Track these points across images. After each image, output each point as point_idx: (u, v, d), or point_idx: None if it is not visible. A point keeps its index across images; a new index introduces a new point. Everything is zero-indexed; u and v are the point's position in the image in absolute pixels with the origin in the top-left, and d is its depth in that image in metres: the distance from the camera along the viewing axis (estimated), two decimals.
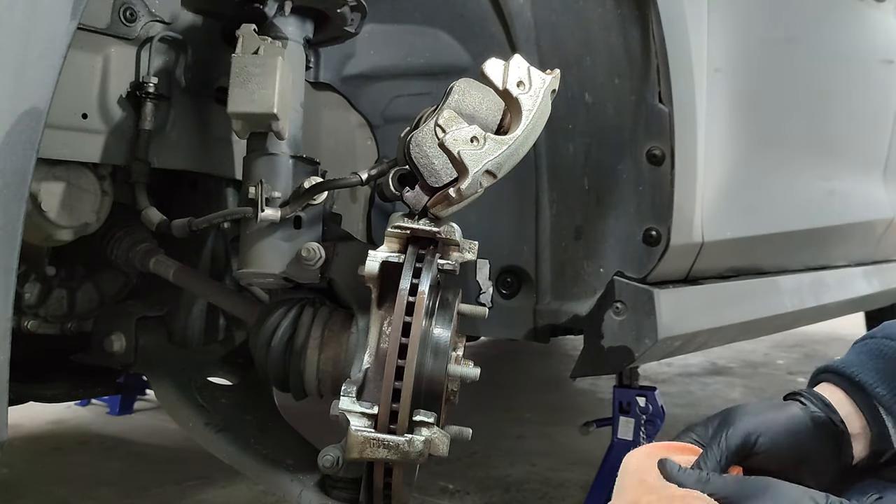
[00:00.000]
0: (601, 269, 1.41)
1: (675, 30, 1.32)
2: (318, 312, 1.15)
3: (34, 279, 1.40)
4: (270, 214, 1.09)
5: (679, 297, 1.45)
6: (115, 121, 1.18)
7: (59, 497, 2.19)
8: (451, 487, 2.30)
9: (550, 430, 3.00)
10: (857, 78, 2.31)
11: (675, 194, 1.35)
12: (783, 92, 1.89)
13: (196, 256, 1.46)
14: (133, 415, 3.15)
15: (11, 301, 0.76)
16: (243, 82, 1.07)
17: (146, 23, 1.19)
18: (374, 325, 1.03)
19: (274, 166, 1.13)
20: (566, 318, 1.44)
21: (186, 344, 1.47)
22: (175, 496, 2.23)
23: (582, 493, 2.19)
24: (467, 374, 1.02)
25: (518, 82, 0.96)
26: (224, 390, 1.36)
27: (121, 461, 2.55)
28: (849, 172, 2.30)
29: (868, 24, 2.35)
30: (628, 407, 1.99)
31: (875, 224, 2.46)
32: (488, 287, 1.43)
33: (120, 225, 1.38)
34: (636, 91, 1.34)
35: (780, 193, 1.89)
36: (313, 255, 1.11)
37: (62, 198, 1.16)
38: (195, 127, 1.30)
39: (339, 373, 1.10)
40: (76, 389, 1.64)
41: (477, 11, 1.40)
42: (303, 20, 1.20)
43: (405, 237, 1.01)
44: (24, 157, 0.75)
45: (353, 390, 0.97)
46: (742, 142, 1.67)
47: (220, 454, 1.22)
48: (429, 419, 0.94)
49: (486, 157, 0.95)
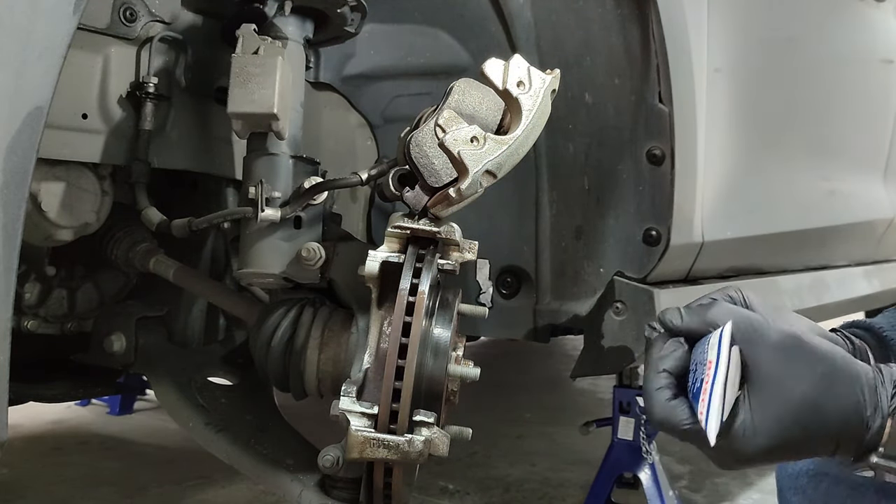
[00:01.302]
0: (601, 268, 1.41)
1: (675, 30, 1.32)
2: (318, 312, 1.15)
3: (34, 279, 1.40)
4: (270, 214, 1.09)
5: (679, 296, 1.45)
6: (115, 121, 1.18)
7: (59, 497, 2.19)
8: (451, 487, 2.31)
9: (550, 430, 3.00)
10: (857, 78, 2.31)
11: (675, 194, 1.35)
12: (783, 92, 1.89)
13: (196, 256, 1.46)
14: (133, 415, 3.15)
15: (11, 301, 0.76)
16: (243, 82, 1.07)
17: (146, 23, 1.19)
18: (374, 325, 1.03)
19: (274, 166, 1.13)
20: (566, 318, 1.44)
21: (186, 344, 1.47)
22: (175, 496, 2.23)
23: (582, 493, 2.19)
24: (467, 374, 1.02)
25: (518, 82, 0.96)
26: (224, 390, 1.36)
27: (121, 461, 2.56)
28: (849, 172, 2.30)
29: (868, 24, 2.35)
30: (628, 407, 1.99)
31: (875, 224, 2.46)
32: (488, 287, 1.43)
33: (120, 225, 1.38)
34: (636, 91, 1.34)
35: (781, 193, 1.89)
36: (313, 255, 1.11)
37: (62, 198, 1.16)
38: (195, 127, 1.30)
39: (339, 373, 1.10)
40: (76, 389, 1.64)
41: (477, 11, 1.40)
42: (303, 20, 1.20)
43: (405, 237, 1.01)
44: (25, 157, 0.75)
45: (353, 390, 0.97)
46: (742, 142, 1.67)
47: (220, 454, 1.22)
48: (429, 419, 0.94)
49: (486, 157, 0.95)
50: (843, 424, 0.78)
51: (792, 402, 0.78)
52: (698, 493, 2.30)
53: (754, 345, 0.80)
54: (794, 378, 0.78)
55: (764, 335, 0.80)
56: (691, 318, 0.85)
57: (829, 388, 0.78)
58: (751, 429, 0.78)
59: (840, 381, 0.79)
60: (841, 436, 0.79)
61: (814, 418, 0.78)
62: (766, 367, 0.79)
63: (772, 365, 0.79)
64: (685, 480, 2.39)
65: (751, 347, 0.80)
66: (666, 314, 0.87)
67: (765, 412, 0.78)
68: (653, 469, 1.95)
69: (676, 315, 0.86)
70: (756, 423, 0.78)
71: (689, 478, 2.43)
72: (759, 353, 0.79)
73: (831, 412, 0.78)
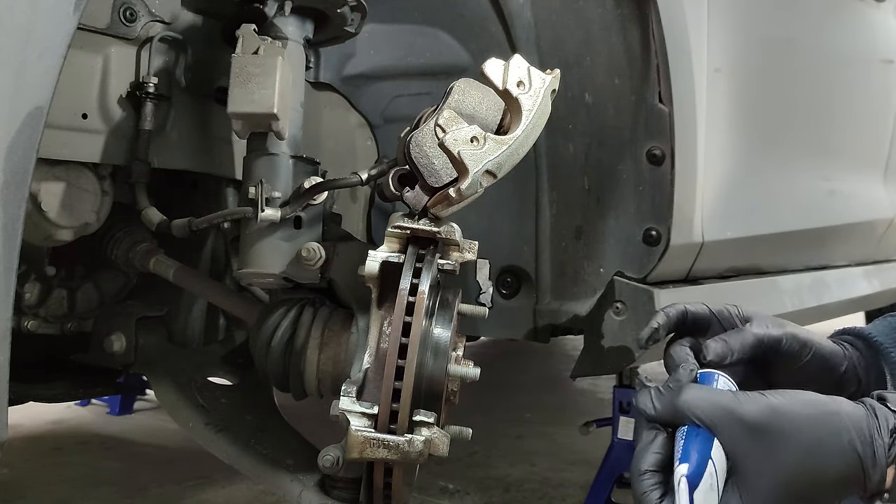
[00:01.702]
0: (601, 268, 1.41)
1: (675, 30, 1.32)
2: (318, 312, 1.14)
3: (34, 279, 1.40)
4: (270, 214, 1.09)
5: (679, 296, 1.45)
6: (115, 121, 1.18)
7: (59, 497, 2.19)
8: (451, 487, 2.30)
9: (550, 430, 3.00)
10: (858, 78, 2.31)
11: (675, 194, 1.35)
12: (783, 92, 1.89)
13: (196, 256, 1.46)
14: (133, 415, 3.15)
15: (11, 301, 0.76)
16: (243, 82, 1.07)
17: (146, 23, 1.19)
18: (374, 325, 1.03)
19: (274, 166, 1.13)
20: (566, 318, 1.44)
21: (186, 344, 1.47)
22: (175, 496, 2.23)
23: (582, 493, 2.19)
24: (467, 374, 1.02)
25: (518, 82, 0.96)
26: (224, 390, 1.36)
27: (121, 461, 2.55)
28: (849, 172, 2.30)
29: (868, 24, 2.35)
30: (628, 407, 1.98)
31: (875, 224, 2.46)
32: (488, 287, 1.43)
33: (120, 225, 1.38)
34: (636, 91, 1.34)
35: (781, 193, 1.89)
36: (313, 255, 1.11)
37: (62, 198, 1.16)
38: (195, 127, 1.30)
39: (339, 373, 1.10)
40: (76, 389, 1.64)
41: (477, 11, 1.40)
42: (303, 20, 1.20)
43: (405, 237, 1.01)
44: (25, 157, 0.75)
45: (353, 390, 0.97)
46: (742, 142, 1.67)
47: (220, 454, 1.22)
48: (429, 419, 0.94)
49: (486, 157, 0.95)
50: (843, 487, 0.75)
51: (783, 485, 0.74)
52: None
53: (726, 432, 0.75)
54: (775, 459, 0.74)
55: (734, 419, 0.75)
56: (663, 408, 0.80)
57: (818, 458, 0.74)
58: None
59: (828, 446, 0.74)
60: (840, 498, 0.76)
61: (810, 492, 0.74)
62: (742, 455, 0.75)
63: (748, 451, 0.75)
64: None
65: (724, 435, 0.75)
66: (639, 399, 0.83)
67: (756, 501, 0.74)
68: None
69: (648, 402, 0.81)
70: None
71: None
72: (733, 440, 0.75)
73: (827, 480, 0.74)
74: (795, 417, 0.75)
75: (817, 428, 0.74)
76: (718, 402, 0.77)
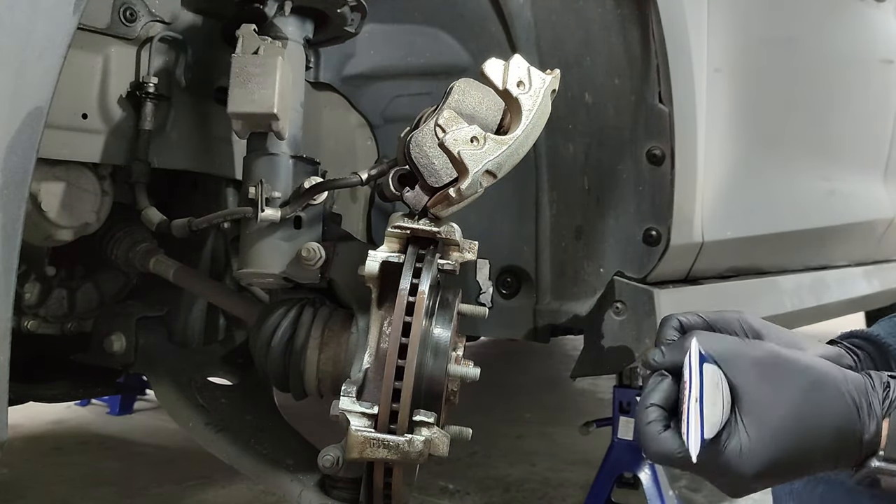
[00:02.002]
0: (601, 269, 1.41)
1: (675, 30, 1.32)
2: (318, 312, 1.14)
3: (34, 279, 1.40)
4: (270, 214, 1.09)
5: (679, 297, 1.45)
6: (115, 121, 1.18)
7: (59, 497, 2.19)
8: (451, 487, 2.31)
9: (550, 430, 3.00)
10: (857, 78, 2.31)
11: (675, 194, 1.35)
12: (783, 92, 1.89)
13: (196, 256, 1.46)
14: (133, 415, 3.15)
15: (11, 301, 0.76)
16: (243, 82, 1.07)
17: (146, 23, 1.19)
18: (374, 325, 1.03)
19: (274, 166, 1.13)
20: (566, 318, 1.44)
21: (186, 344, 1.47)
22: (175, 496, 2.23)
23: (582, 493, 2.19)
24: (467, 374, 1.02)
25: (518, 82, 0.96)
26: (224, 390, 1.36)
27: (121, 461, 2.55)
28: (849, 172, 2.30)
29: (868, 24, 2.35)
30: (628, 407, 1.99)
31: (875, 224, 2.46)
32: (488, 287, 1.43)
33: (120, 225, 1.38)
34: (636, 91, 1.34)
35: (781, 193, 1.89)
36: (313, 255, 1.11)
37: (62, 198, 1.16)
38: (195, 127, 1.30)
39: (339, 373, 1.10)
40: (76, 389, 1.64)
41: (477, 11, 1.40)
42: (303, 20, 1.20)
43: (405, 237, 1.01)
44: (25, 157, 0.75)
45: (353, 390, 0.97)
46: (742, 142, 1.67)
47: (220, 454, 1.22)
48: (429, 419, 0.94)
49: (486, 157, 0.95)
50: (837, 432, 0.78)
51: (781, 418, 0.78)
52: (698, 493, 2.30)
53: (733, 366, 0.80)
54: (779, 393, 0.78)
55: (741, 355, 0.81)
56: (672, 354, 0.86)
57: (815, 398, 0.78)
58: (747, 450, 0.77)
59: (825, 389, 0.79)
60: (839, 445, 0.79)
61: (807, 430, 0.78)
62: (748, 386, 0.79)
63: (754, 384, 0.79)
64: (685, 480, 2.39)
65: (731, 369, 0.80)
66: (648, 354, 0.88)
67: (757, 431, 0.78)
68: (653, 469, 1.95)
69: (658, 353, 0.87)
70: (751, 443, 0.78)
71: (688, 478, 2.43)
72: (740, 373, 0.80)
73: (823, 421, 0.78)
74: (796, 363, 0.81)
75: (815, 374, 0.80)
76: (726, 340, 0.84)
